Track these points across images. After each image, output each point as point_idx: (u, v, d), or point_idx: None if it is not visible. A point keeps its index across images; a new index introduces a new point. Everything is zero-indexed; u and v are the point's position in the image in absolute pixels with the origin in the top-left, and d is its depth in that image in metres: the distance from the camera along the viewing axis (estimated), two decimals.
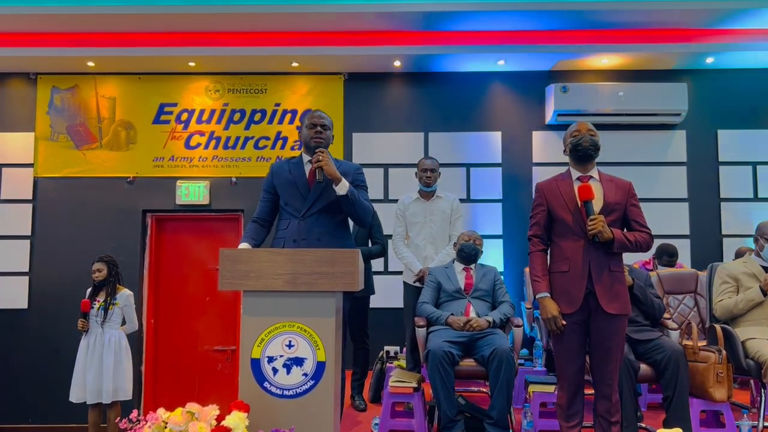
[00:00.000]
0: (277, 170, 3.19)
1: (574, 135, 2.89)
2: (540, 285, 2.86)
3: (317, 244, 2.97)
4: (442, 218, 4.37)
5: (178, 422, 2.05)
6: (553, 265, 2.90)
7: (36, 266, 5.86)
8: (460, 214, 4.44)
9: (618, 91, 5.69)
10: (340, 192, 2.97)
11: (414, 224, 4.42)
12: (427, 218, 4.37)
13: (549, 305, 2.81)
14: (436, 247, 4.35)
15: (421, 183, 4.38)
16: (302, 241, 2.99)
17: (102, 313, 4.47)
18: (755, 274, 3.63)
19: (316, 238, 2.99)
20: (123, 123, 6.02)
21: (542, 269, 2.89)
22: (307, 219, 3.03)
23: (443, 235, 4.37)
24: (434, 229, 4.35)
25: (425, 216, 4.38)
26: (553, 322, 2.79)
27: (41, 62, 5.80)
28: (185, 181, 5.93)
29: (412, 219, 4.42)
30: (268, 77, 6.04)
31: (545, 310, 2.82)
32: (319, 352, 2.34)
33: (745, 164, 5.91)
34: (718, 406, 3.31)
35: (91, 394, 4.40)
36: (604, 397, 2.80)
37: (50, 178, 5.94)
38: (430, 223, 4.35)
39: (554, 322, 2.79)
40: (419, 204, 4.41)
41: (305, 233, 3.00)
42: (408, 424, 3.57)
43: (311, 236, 3.00)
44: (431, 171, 4.34)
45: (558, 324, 2.78)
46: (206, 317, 6.02)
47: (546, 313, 2.81)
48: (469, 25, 5.47)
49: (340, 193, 2.97)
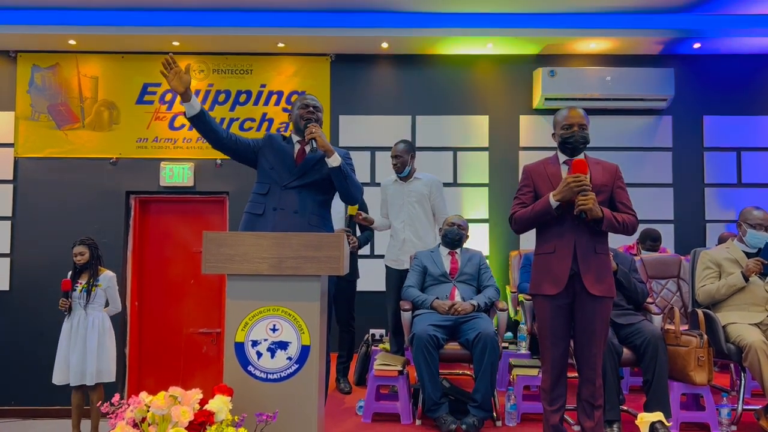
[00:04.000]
0: (272, 137, 3.17)
1: (565, 128, 2.86)
2: (540, 201, 2.80)
3: (293, 216, 2.97)
4: (418, 200, 4.33)
5: (160, 406, 2.04)
6: (538, 247, 2.90)
7: (17, 247, 5.79)
8: (439, 194, 4.39)
9: (605, 76, 5.68)
10: (333, 164, 2.96)
11: (392, 206, 4.40)
12: (405, 200, 4.34)
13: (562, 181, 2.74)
14: (414, 229, 4.33)
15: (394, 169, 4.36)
16: (280, 210, 2.98)
17: (85, 295, 4.44)
18: (737, 260, 3.67)
19: (294, 210, 2.98)
20: (105, 103, 5.93)
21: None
22: (289, 190, 3.02)
23: (421, 218, 4.33)
24: (412, 211, 4.33)
25: (403, 198, 4.35)
26: (574, 179, 2.69)
27: (21, 39, 5.67)
28: (169, 163, 5.87)
29: (391, 201, 4.41)
30: (254, 58, 5.96)
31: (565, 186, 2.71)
32: (303, 336, 2.33)
33: (730, 150, 5.95)
34: (698, 389, 3.35)
35: (74, 376, 4.38)
36: (588, 381, 2.81)
37: (31, 158, 5.85)
38: (407, 205, 4.32)
39: (575, 180, 2.69)
40: (397, 186, 4.39)
41: (284, 203, 2.99)
42: (392, 406, 3.58)
43: (289, 207, 2.99)
44: (397, 157, 4.30)
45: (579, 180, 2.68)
46: (191, 300, 5.99)
47: (564, 182, 2.71)
48: (457, 7, 5.42)
49: (333, 165, 2.96)
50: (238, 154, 3.14)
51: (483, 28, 5.55)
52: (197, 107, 2.94)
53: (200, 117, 2.96)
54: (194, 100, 2.93)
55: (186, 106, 2.92)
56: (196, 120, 2.96)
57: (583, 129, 2.84)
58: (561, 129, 2.87)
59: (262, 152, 3.14)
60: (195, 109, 2.93)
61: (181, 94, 2.88)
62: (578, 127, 2.83)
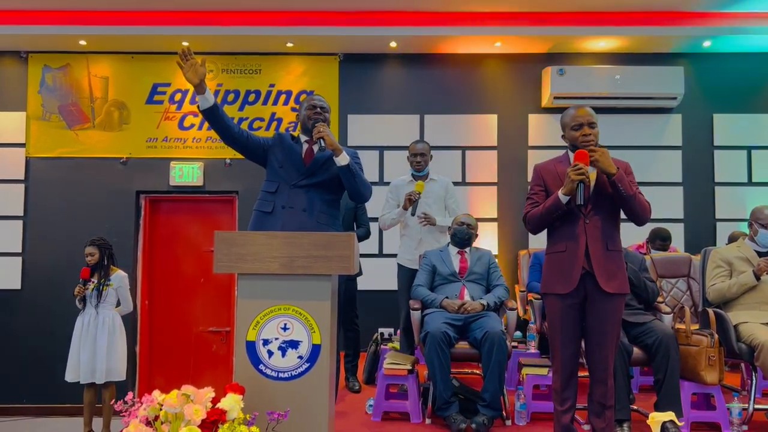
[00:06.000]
0: (282, 136, 3.18)
1: (574, 128, 2.82)
2: (551, 197, 2.80)
3: (302, 214, 2.98)
4: (435, 201, 4.35)
5: (173, 404, 2.05)
6: (549, 247, 2.89)
7: (29, 247, 5.84)
8: (454, 196, 4.43)
9: (614, 75, 5.66)
10: (342, 162, 2.98)
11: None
12: (421, 201, 4.34)
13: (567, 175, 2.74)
14: (430, 228, 4.34)
15: (413, 168, 4.35)
16: (289, 208, 3.00)
17: (96, 294, 4.47)
18: (749, 259, 3.65)
19: (302, 209, 3.00)
20: (116, 103, 5.96)
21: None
22: (298, 189, 3.03)
23: (437, 218, 4.35)
24: (428, 211, 4.33)
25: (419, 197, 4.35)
26: (573, 168, 2.70)
27: (32, 40, 5.71)
28: (179, 162, 5.89)
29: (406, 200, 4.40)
30: (263, 57, 5.98)
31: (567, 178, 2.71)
32: (314, 335, 2.34)
33: (740, 148, 5.92)
34: (709, 388, 3.34)
35: (84, 373, 4.41)
36: (600, 382, 2.80)
37: (42, 158, 5.89)
38: (424, 206, 4.33)
39: (573, 168, 2.70)
40: (412, 186, 4.39)
41: (293, 202, 3.01)
42: (402, 405, 3.59)
43: (298, 206, 3.00)
44: (421, 155, 4.30)
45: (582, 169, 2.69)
46: (201, 298, 6.02)
47: (568, 176, 2.71)
48: (465, 6, 5.42)
49: (342, 164, 2.98)
50: (248, 150, 3.15)
51: (491, 27, 5.54)
52: (211, 100, 2.96)
53: (213, 110, 2.97)
54: (208, 92, 2.94)
55: (200, 98, 2.94)
56: (209, 113, 2.97)
57: (593, 127, 2.82)
58: (571, 130, 2.85)
59: (272, 150, 3.15)
60: (209, 102, 2.95)
61: (196, 86, 2.89)
62: (588, 125, 2.81)
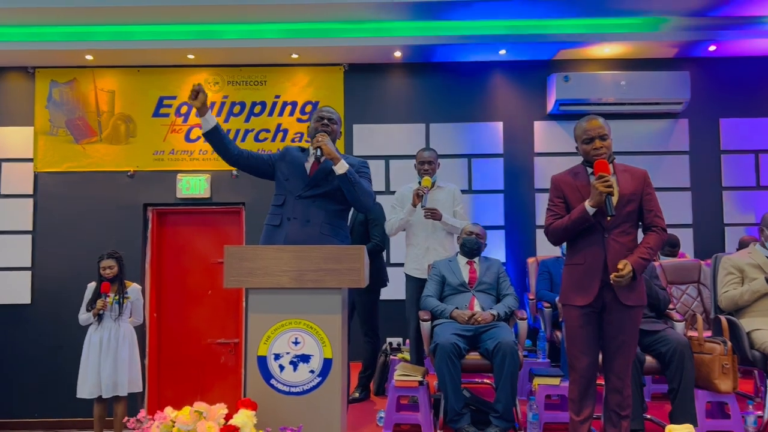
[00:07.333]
0: (288, 150, 3.27)
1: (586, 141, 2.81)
2: (576, 210, 2.78)
3: (305, 225, 3.02)
4: (443, 208, 4.33)
5: (186, 422, 2.05)
6: (568, 258, 2.89)
7: (38, 261, 5.85)
8: (461, 202, 4.42)
9: (620, 80, 5.65)
10: (339, 171, 3.01)
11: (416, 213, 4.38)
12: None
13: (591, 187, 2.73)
14: (438, 238, 4.33)
15: (420, 176, 4.33)
16: (294, 220, 3.04)
17: (117, 308, 4.49)
18: (760, 265, 3.62)
19: (306, 220, 3.03)
20: (122, 116, 5.98)
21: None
22: (304, 200, 3.07)
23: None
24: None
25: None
26: (600, 180, 2.68)
27: (39, 56, 5.74)
28: (186, 175, 5.91)
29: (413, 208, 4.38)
30: (268, 69, 6.00)
31: (594, 190, 2.70)
32: (325, 349, 2.33)
33: (748, 153, 5.89)
34: (723, 397, 3.31)
35: (106, 388, 4.40)
36: (616, 391, 2.79)
37: (50, 172, 5.92)
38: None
39: (600, 180, 2.68)
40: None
41: (299, 213, 3.05)
42: (413, 417, 3.56)
43: (301, 217, 3.04)
44: (429, 163, 4.28)
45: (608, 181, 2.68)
46: (209, 310, 6.02)
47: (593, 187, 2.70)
48: (469, 15, 5.42)
49: (339, 172, 3.01)
50: (253, 168, 3.25)
51: (496, 35, 5.54)
52: (212, 122, 3.06)
53: (214, 132, 3.07)
54: (209, 114, 3.04)
55: (202, 120, 3.04)
56: (211, 135, 3.08)
57: (604, 139, 2.80)
58: (582, 143, 2.84)
59: (278, 165, 3.23)
60: (210, 124, 3.05)
61: (198, 109, 3.00)
62: (599, 138, 2.79)
